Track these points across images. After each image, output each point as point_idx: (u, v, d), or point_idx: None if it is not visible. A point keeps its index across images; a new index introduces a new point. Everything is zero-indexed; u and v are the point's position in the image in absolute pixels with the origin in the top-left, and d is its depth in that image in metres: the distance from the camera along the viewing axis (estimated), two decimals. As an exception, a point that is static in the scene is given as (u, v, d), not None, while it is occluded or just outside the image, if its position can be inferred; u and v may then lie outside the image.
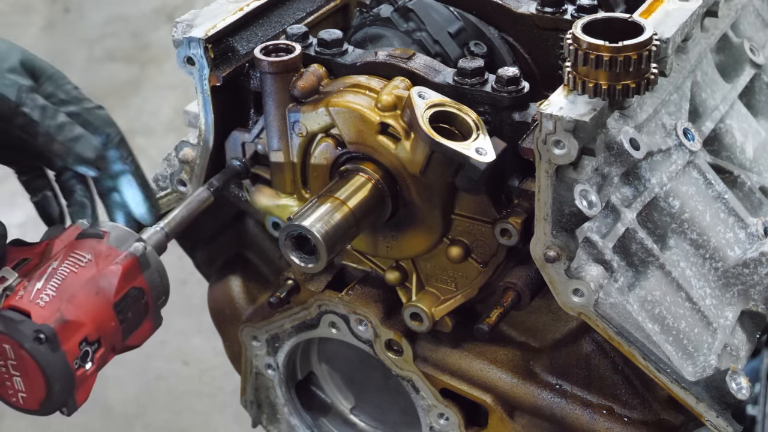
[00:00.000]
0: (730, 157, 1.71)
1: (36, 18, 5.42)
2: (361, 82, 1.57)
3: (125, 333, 1.44)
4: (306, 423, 1.97)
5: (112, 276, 1.41)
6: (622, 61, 1.30)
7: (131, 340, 1.47)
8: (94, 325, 1.38)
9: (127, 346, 1.47)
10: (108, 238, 1.46)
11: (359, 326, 1.73)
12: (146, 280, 1.46)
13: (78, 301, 1.38)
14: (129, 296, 1.43)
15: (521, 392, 1.67)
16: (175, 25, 1.66)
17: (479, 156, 1.42)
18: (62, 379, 1.36)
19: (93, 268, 1.42)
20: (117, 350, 1.45)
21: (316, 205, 1.52)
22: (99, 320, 1.39)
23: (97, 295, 1.40)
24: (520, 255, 1.53)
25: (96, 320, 1.39)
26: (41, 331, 1.32)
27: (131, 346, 1.49)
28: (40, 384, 1.35)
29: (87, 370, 1.39)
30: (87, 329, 1.38)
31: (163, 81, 4.88)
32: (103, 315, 1.40)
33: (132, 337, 1.46)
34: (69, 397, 1.38)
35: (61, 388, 1.36)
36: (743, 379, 1.45)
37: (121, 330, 1.43)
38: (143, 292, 1.45)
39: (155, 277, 1.48)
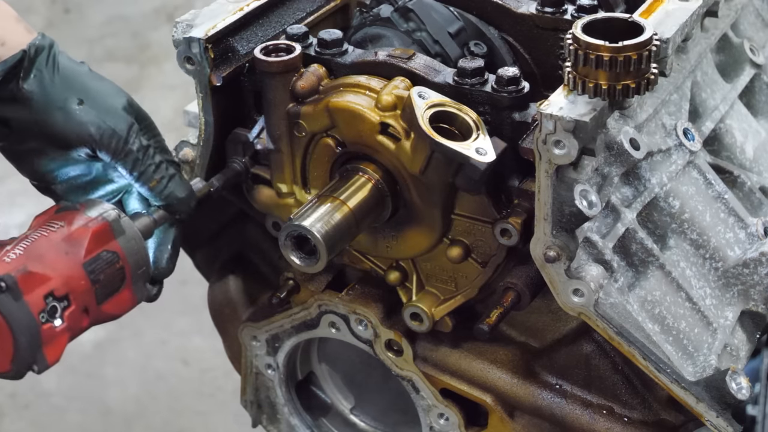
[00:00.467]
0: (730, 157, 1.71)
1: (36, 18, 5.42)
2: (361, 82, 1.57)
3: (99, 296, 1.44)
4: (306, 423, 1.97)
5: (81, 236, 1.44)
6: (622, 61, 1.30)
7: (108, 306, 1.47)
8: (61, 281, 1.39)
9: (103, 312, 1.47)
10: (84, 209, 1.48)
11: (359, 326, 1.73)
12: (121, 246, 1.47)
13: (45, 258, 1.40)
14: (101, 258, 1.44)
15: (521, 392, 1.67)
16: (175, 25, 1.66)
17: (479, 156, 1.42)
18: (27, 330, 1.36)
19: (64, 231, 1.44)
20: (92, 314, 1.44)
21: (316, 205, 1.52)
22: (66, 276, 1.40)
23: (66, 254, 1.41)
24: (520, 255, 1.53)
25: (63, 276, 1.39)
26: (2, 279, 1.34)
27: (109, 315, 1.48)
28: (6, 337, 1.36)
29: (56, 326, 1.39)
30: (53, 283, 1.38)
31: (163, 81, 4.88)
32: (71, 272, 1.41)
33: (109, 303, 1.46)
34: (37, 351, 1.38)
35: (27, 341, 1.36)
36: (743, 379, 1.45)
37: (94, 291, 1.43)
38: (118, 257, 1.46)
39: (132, 245, 1.48)
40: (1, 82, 1.49)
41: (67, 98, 1.53)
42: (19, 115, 1.52)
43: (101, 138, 1.54)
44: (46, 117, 1.52)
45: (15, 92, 1.51)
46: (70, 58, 1.57)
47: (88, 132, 1.53)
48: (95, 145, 1.54)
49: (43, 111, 1.52)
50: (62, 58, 1.55)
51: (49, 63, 1.53)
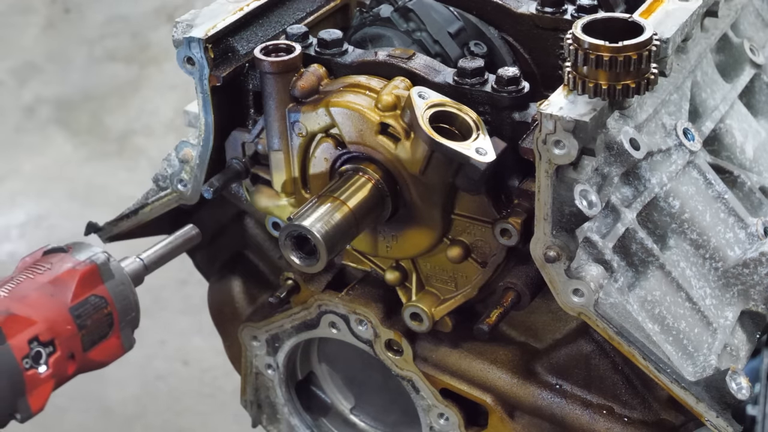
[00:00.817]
0: (730, 157, 1.71)
1: (36, 18, 5.42)
2: (361, 82, 1.57)
3: (86, 342, 1.40)
4: (306, 423, 1.97)
5: (68, 279, 1.40)
6: (622, 61, 1.30)
7: (95, 353, 1.43)
8: (46, 325, 1.36)
9: (90, 360, 1.43)
10: (72, 251, 1.45)
11: (359, 326, 1.73)
12: (109, 290, 1.43)
13: (29, 300, 1.36)
14: (89, 303, 1.41)
15: (521, 392, 1.67)
16: (175, 25, 1.66)
17: (479, 156, 1.42)
18: (8, 376, 1.32)
19: (50, 273, 1.40)
20: (78, 361, 1.41)
21: (316, 205, 1.52)
22: (52, 321, 1.36)
23: (51, 297, 1.38)
24: (520, 255, 1.53)
25: (49, 321, 1.36)
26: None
27: (96, 362, 1.45)
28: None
29: (41, 373, 1.35)
30: (38, 328, 1.35)
31: (163, 81, 4.88)
32: (57, 316, 1.37)
33: (96, 350, 1.43)
34: (19, 398, 1.34)
35: (8, 386, 1.32)
36: (743, 379, 1.45)
37: (80, 337, 1.39)
38: (106, 302, 1.43)
39: (121, 290, 1.45)
40: None
41: None
42: None
43: None
44: None
45: None
46: None
47: None
48: None
49: None
50: None
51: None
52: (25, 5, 5.49)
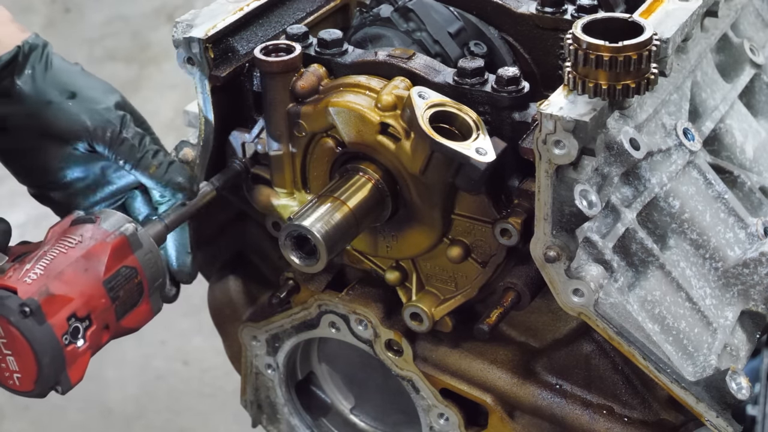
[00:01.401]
0: (730, 157, 1.71)
1: (36, 18, 5.42)
2: (361, 82, 1.57)
3: (119, 312, 1.45)
4: (306, 423, 1.97)
5: (101, 253, 1.43)
6: (622, 61, 1.30)
7: (127, 321, 1.47)
8: (82, 301, 1.40)
9: (123, 327, 1.47)
10: (99, 221, 1.48)
11: (359, 326, 1.73)
12: (139, 260, 1.47)
13: (65, 277, 1.40)
14: (120, 274, 1.44)
15: (521, 392, 1.67)
16: (175, 25, 1.66)
17: (479, 156, 1.42)
18: (51, 353, 1.36)
19: (82, 247, 1.44)
20: (112, 330, 1.45)
21: (316, 205, 1.52)
22: (88, 296, 1.40)
23: (86, 272, 1.42)
24: (520, 255, 1.53)
25: (84, 296, 1.40)
26: (26, 304, 1.34)
27: (128, 329, 1.49)
28: (30, 360, 1.36)
29: (79, 347, 1.40)
30: (75, 304, 1.39)
31: (163, 81, 4.88)
32: (92, 291, 1.41)
33: (127, 318, 1.47)
34: (61, 373, 1.39)
35: (50, 363, 1.37)
36: (743, 379, 1.45)
37: (114, 309, 1.43)
38: (136, 272, 1.47)
39: (149, 258, 1.49)
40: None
41: (58, 93, 1.55)
42: (14, 111, 1.54)
43: (95, 129, 1.55)
44: (38, 111, 1.54)
45: (9, 88, 1.53)
46: (63, 58, 1.59)
47: (81, 124, 1.55)
48: (89, 137, 1.56)
49: (36, 106, 1.54)
50: (55, 57, 1.57)
51: (42, 60, 1.56)
52: (25, 5, 5.49)
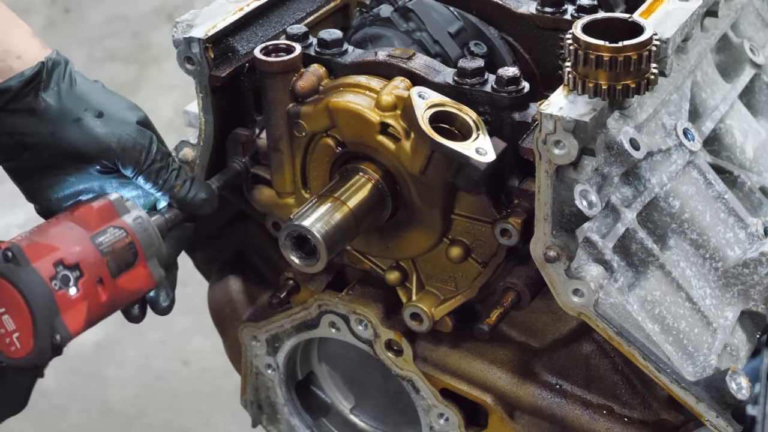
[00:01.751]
0: (730, 157, 1.71)
1: (36, 18, 5.42)
2: (361, 82, 1.57)
3: (113, 268, 1.45)
4: (306, 423, 1.97)
5: (86, 214, 1.47)
6: (622, 61, 1.30)
7: (124, 281, 1.47)
8: (68, 251, 1.41)
9: (122, 288, 1.47)
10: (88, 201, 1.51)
11: (359, 326, 1.73)
12: (127, 222, 1.49)
13: (50, 233, 1.43)
14: (108, 233, 1.47)
15: (521, 392, 1.67)
16: (175, 25, 1.66)
17: (479, 156, 1.42)
18: (39, 295, 1.37)
19: (69, 215, 1.48)
20: (109, 286, 1.45)
21: (316, 205, 1.52)
22: (73, 245, 1.42)
23: (71, 230, 1.44)
24: (520, 255, 1.53)
25: (70, 246, 1.42)
26: (9, 249, 1.37)
27: (130, 291, 1.49)
28: (22, 308, 1.37)
29: (71, 294, 1.40)
30: (61, 253, 1.40)
31: (163, 81, 4.88)
32: (78, 243, 1.43)
33: (125, 277, 1.47)
34: (55, 317, 1.39)
35: (41, 305, 1.37)
36: (743, 379, 1.45)
37: (106, 263, 1.44)
38: (125, 232, 1.48)
39: (139, 222, 1.50)
40: (17, 95, 1.50)
41: (84, 111, 1.54)
42: (36, 129, 1.53)
43: (124, 150, 1.55)
44: (63, 130, 1.53)
45: (32, 105, 1.52)
46: (84, 76, 1.58)
47: (110, 145, 1.54)
48: (118, 158, 1.55)
49: (60, 124, 1.53)
50: (77, 74, 1.56)
51: (65, 77, 1.54)
52: (25, 5, 5.48)
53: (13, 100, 1.51)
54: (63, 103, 1.54)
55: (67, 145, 1.54)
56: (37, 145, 1.54)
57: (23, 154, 1.55)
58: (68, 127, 1.53)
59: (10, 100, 1.50)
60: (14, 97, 1.50)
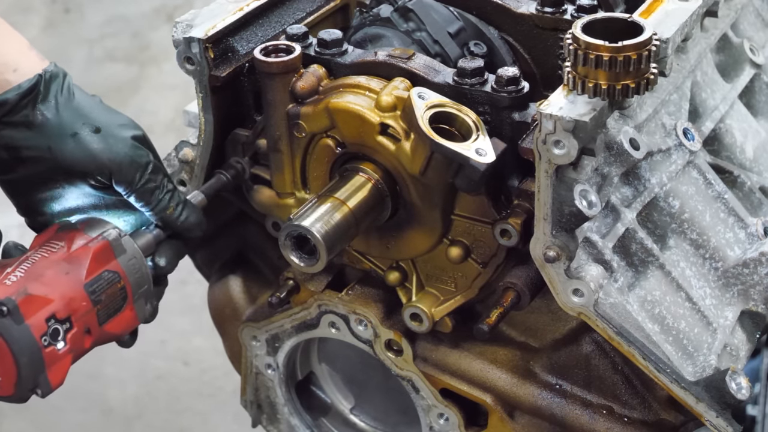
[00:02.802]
0: (730, 157, 1.71)
1: (36, 18, 5.42)
2: (361, 83, 1.57)
3: (101, 317, 1.44)
4: (306, 423, 1.97)
5: (82, 257, 1.43)
6: (621, 61, 1.30)
7: (111, 326, 1.46)
8: (62, 303, 1.39)
9: (106, 332, 1.46)
10: (83, 228, 1.48)
11: (359, 326, 1.73)
12: (122, 265, 1.47)
13: (45, 279, 1.39)
14: (102, 278, 1.44)
15: (521, 392, 1.67)
16: (175, 25, 1.66)
17: (479, 156, 1.42)
18: (29, 354, 1.35)
19: (64, 251, 1.44)
20: (95, 335, 1.44)
21: (316, 205, 1.52)
22: (68, 298, 1.40)
23: (66, 275, 1.41)
24: (520, 255, 1.53)
25: (65, 298, 1.39)
26: (3, 303, 1.34)
27: (112, 335, 1.48)
28: (9, 361, 1.36)
29: (59, 349, 1.39)
30: (55, 306, 1.38)
31: (163, 81, 4.88)
32: (72, 293, 1.41)
33: (111, 322, 1.46)
34: (39, 374, 1.38)
35: (29, 363, 1.36)
36: (743, 379, 1.45)
37: (96, 312, 1.43)
38: (119, 277, 1.46)
39: (133, 263, 1.48)
40: (14, 108, 1.48)
41: (82, 125, 1.51)
42: (33, 142, 1.50)
43: (119, 168, 1.52)
44: (60, 144, 1.50)
45: (30, 118, 1.49)
46: (82, 89, 1.56)
47: (104, 162, 1.51)
48: (113, 175, 1.52)
49: (58, 137, 1.50)
50: (75, 88, 1.54)
51: (63, 90, 1.52)
52: (25, 5, 5.49)
53: (9, 113, 1.49)
54: (61, 117, 1.51)
55: (64, 160, 1.51)
56: (33, 158, 1.52)
57: (18, 167, 1.53)
58: (65, 142, 1.51)
59: (7, 113, 1.48)
60: (11, 110, 1.48)
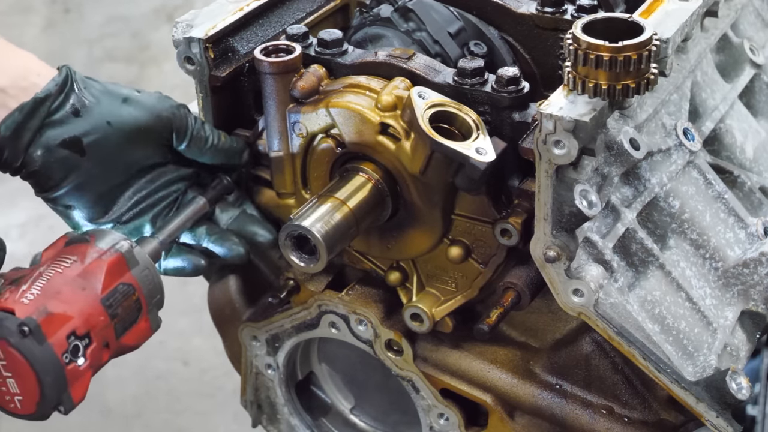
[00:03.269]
0: (730, 157, 1.71)
1: (36, 18, 5.42)
2: (361, 83, 1.57)
3: (118, 330, 1.44)
4: (306, 423, 1.97)
5: (97, 271, 1.43)
6: (622, 61, 1.30)
7: (127, 338, 1.46)
8: (81, 319, 1.39)
9: (123, 345, 1.47)
10: (94, 240, 1.47)
11: (359, 326, 1.73)
12: (135, 277, 1.47)
13: (63, 296, 1.39)
14: (118, 291, 1.44)
15: (521, 392, 1.67)
16: (175, 25, 1.66)
17: (479, 156, 1.42)
18: (52, 373, 1.35)
19: (78, 266, 1.43)
20: (112, 348, 1.45)
21: (316, 205, 1.52)
22: (86, 314, 1.39)
23: (83, 291, 1.41)
24: (520, 255, 1.53)
25: (83, 314, 1.39)
26: (25, 324, 1.33)
27: (128, 346, 1.48)
28: (31, 381, 1.35)
29: (80, 365, 1.39)
30: (74, 323, 1.38)
31: (163, 81, 4.88)
32: (90, 309, 1.40)
33: (127, 335, 1.46)
34: (63, 392, 1.38)
35: (52, 383, 1.36)
36: (743, 379, 1.45)
37: (113, 326, 1.43)
38: (133, 289, 1.46)
39: (146, 274, 1.48)
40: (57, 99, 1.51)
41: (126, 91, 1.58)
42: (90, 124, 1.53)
43: (175, 115, 1.60)
44: (117, 112, 1.55)
45: (77, 105, 1.53)
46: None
47: (163, 113, 1.59)
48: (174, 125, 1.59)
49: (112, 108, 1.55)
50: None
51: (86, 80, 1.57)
52: (25, 5, 5.49)
53: (56, 108, 1.51)
54: (103, 94, 1.56)
55: (126, 124, 1.55)
56: (95, 143, 1.54)
57: (81, 164, 1.55)
58: (120, 108, 1.55)
59: (54, 107, 1.51)
60: (56, 102, 1.51)
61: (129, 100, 1.57)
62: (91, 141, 1.54)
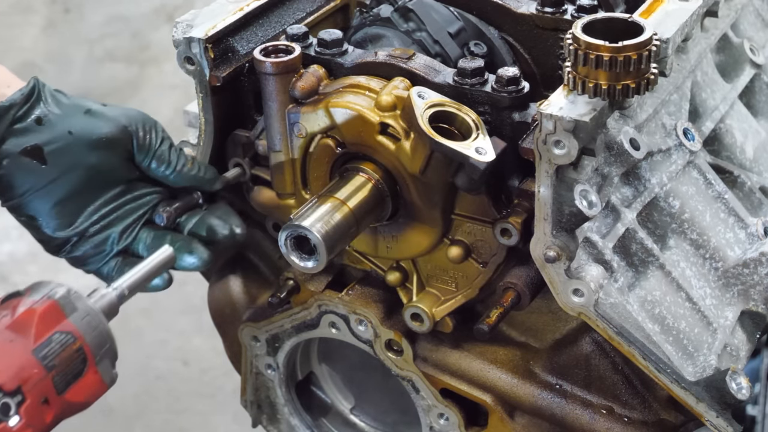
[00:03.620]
0: (730, 157, 1.71)
1: (36, 18, 5.42)
2: (361, 83, 1.57)
3: (59, 384, 1.31)
4: (306, 423, 1.97)
5: (27, 320, 1.30)
6: (622, 61, 1.30)
7: (73, 393, 1.33)
8: (8, 373, 1.25)
9: (69, 401, 1.34)
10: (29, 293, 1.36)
11: (359, 326, 1.73)
12: (75, 324, 1.33)
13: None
14: (53, 341, 1.31)
15: (521, 392, 1.67)
16: (175, 25, 1.66)
17: (479, 156, 1.42)
18: None
19: (8, 319, 1.31)
20: (55, 405, 1.31)
21: (316, 205, 1.52)
22: (15, 367, 1.26)
23: (11, 343, 1.28)
24: (520, 255, 1.53)
25: (11, 368, 1.26)
26: None
27: (77, 403, 1.35)
28: None
29: (12, 426, 1.25)
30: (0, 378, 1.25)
31: (163, 81, 4.88)
32: (20, 361, 1.27)
33: (72, 389, 1.33)
34: None
35: None
36: (743, 379, 1.45)
37: (51, 379, 1.30)
38: (73, 338, 1.33)
39: (87, 321, 1.34)
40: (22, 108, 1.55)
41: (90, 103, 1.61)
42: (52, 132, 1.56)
43: (137, 129, 1.61)
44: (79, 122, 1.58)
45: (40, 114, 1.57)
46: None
47: (124, 125, 1.60)
48: (134, 137, 1.61)
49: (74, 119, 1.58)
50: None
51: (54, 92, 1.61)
52: (25, 5, 5.49)
53: (20, 117, 1.55)
54: (67, 105, 1.59)
55: (88, 134, 1.57)
56: (56, 152, 1.56)
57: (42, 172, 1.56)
58: (82, 119, 1.58)
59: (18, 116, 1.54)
60: (20, 111, 1.54)
61: (92, 112, 1.60)
62: (53, 149, 1.56)
